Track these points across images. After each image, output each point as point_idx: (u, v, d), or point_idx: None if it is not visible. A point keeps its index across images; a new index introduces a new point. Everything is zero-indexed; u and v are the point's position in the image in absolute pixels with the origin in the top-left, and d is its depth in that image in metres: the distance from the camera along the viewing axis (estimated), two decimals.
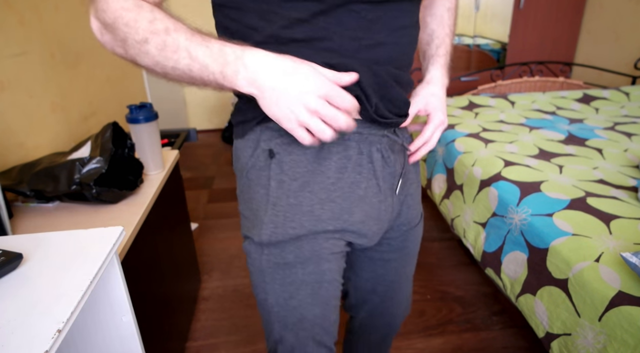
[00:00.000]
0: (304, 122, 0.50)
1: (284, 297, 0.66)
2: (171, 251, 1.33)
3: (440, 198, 1.75)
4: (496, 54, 3.08)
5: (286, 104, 0.49)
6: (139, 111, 1.19)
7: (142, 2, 0.52)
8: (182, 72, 0.51)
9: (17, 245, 0.65)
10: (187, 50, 0.50)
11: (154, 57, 0.51)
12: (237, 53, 0.50)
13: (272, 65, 0.49)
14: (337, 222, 0.63)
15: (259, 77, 0.49)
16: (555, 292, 1.05)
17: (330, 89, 0.50)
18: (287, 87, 0.49)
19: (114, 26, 0.52)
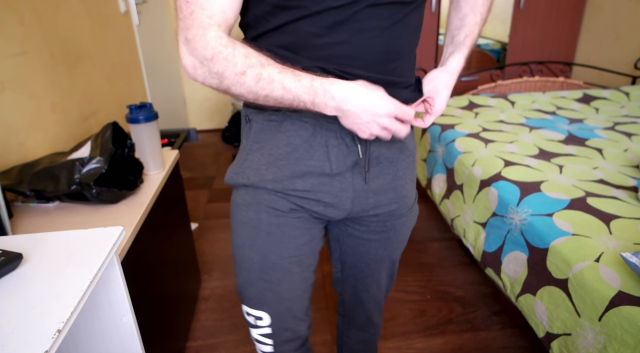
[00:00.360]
0: (376, 135, 0.64)
1: (240, 241, 0.79)
2: (171, 251, 1.33)
3: (440, 198, 1.75)
4: (496, 54, 3.08)
5: (363, 122, 0.62)
6: (139, 111, 1.19)
7: (234, 40, 0.62)
8: (274, 99, 0.62)
9: (17, 245, 0.65)
10: (281, 82, 0.60)
11: (250, 87, 0.61)
12: (325, 87, 0.61)
13: (353, 94, 0.61)
14: (277, 184, 0.74)
15: (343, 105, 0.61)
16: (555, 292, 1.05)
17: (397, 109, 0.63)
18: (364, 111, 0.61)
19: (213, 60, 0.61)
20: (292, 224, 0.77)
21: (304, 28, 0.64)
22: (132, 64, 2.16)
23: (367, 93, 0.62)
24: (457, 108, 2.15)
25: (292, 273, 0.80)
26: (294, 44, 0.66)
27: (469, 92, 2.52)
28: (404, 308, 1.60)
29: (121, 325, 0.71)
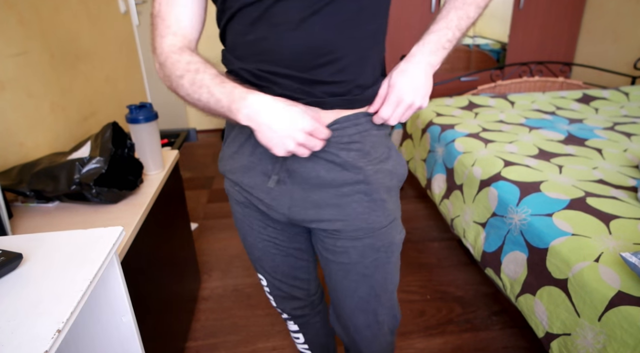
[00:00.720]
0: (291, 151, 0.63)
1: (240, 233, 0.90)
2: (171, 251, 1.33)
3: (440, 198, 1.75)
4: (496, 54, 3.08)
5: (278, 137, 0.61)
6: (139, 111, 1.19)
7: (185, 48, 0.68)
8: (204, 104, 0.64)
9: (17, 245, 0.65)
10: (209, 87, 0.63)
11: (187, 90, 0.65)
12: (243, 94, 0.61)
13: (268, 106, 0.61)
14: (233, 175, 0.79)
15: (255, 117, 0.61)
16: (555, 292, 1.05)
17: (313, 127, 0.62)
18: (280, 126, 0.61)
19: (165, 65, 0.67)
20: (254, 216, 0.83)
21: (234, 27, 0.67)
22: (132, 64, 2.16)
23: (282, 108, 0.61)
24: (457, 108, 2.15)
25: (271, 253, 0.88)
26: (231, 45, 0.70)
27: (469, 92, 2.52)
28: (404, 308, 1.60)
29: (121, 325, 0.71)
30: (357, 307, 0.84)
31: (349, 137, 0.70)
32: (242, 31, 0.66)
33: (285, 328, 1.52)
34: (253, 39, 0.66)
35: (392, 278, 0.83)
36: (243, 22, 0.66)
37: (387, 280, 0.82)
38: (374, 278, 0.80)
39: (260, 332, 1.51)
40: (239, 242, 2.06)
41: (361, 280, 0.80)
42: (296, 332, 1.07)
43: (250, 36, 0.66)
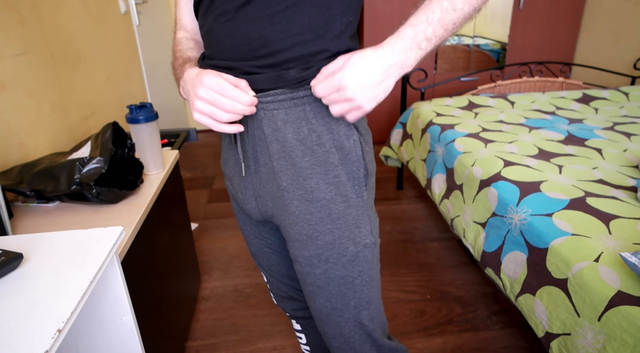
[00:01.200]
0: (194, 107, 0.63)
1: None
2: (171, 251, 1.34)
3: (440, 198, 1.75)
4: (496, 54, 3.08)
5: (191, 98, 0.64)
6: (139, 111, 1.19)
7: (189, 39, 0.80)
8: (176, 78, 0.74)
9: (17, 245, 0.65)
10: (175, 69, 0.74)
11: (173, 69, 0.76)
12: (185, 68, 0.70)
13: (191, 73, 0.66)
14: (225, 170, 0.80)
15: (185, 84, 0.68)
16: (554, 292, 1.05)
17: (219, 87, 0.61)
18: (192, 85, 0.64)
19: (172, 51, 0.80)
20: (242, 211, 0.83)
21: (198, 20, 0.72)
22: (132, 64, 2.16)
23: (197, 72, 0.65)
24: (457, 108, 2.15)
25: (266, 252, 0.88)
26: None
27: (469, 92, 2.52)
28: (403, 308, 1.60)
29: (121, 325, 0.71)
30: (318, 317, 0.78)
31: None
32: (201, 24, 0.71)
33: (286, 328, 1.52)
34: (205, 31, 0.69)
35: (353, 294, 0.72)
36: (200, 14, 0.70)
37: (345, 296, 0.72)
38: (328, 291, 0.72)
39: (260, 332, 1.51)
40: (239, 242, 2.06)
41: (315, 291, 0.74)
42: (299, 331, 1.07)
43: (204, 28, 0.70)
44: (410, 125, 2.20)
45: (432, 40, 0.57)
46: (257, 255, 0.90)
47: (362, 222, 0.70)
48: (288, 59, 0.62)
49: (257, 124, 0.67)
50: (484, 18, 2.99)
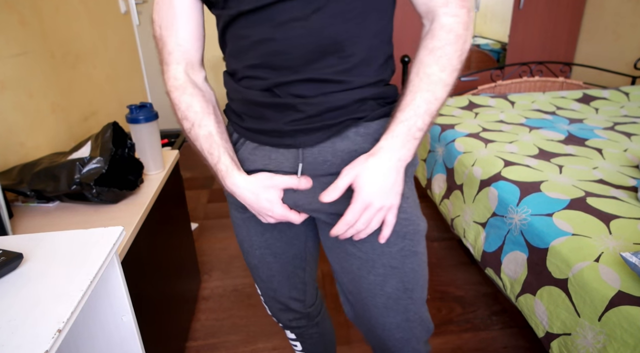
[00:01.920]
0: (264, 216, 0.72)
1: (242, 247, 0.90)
2: (171, 251, 1.33)
3: (440, 198, 1.75)
4: (496, 54, 3.08)
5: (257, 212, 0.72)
6: (139, 111, 1.19)
7: (188, 84, 0.73)
8: (197, 151, 0.73)
9: (17, 245, 0.65)
10: (201, 145, 0.71)
11: (185, 131, 0.73)
12: (223, 174, 0.70)
13: (242, 192, 0.69)
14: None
15: (236, 195, 0.71)
16: (555, 292, 1.05)
17: (266, 212, 0.69)
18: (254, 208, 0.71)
19: (169, 95, 0.74)
20: (254, 220, 0.82)
21: (235, 32, 0.66)
22: (132, 64, 2.16)
23: (252, 198, 0.69)
24: (457, 108, 2.15)
25: (267, 262, 0.86)
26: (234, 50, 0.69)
27: (469, 92, 2.52)
28: None
29: (121, 325, 0.71)
30: (385, 305, 0.75)
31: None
32: (244, 35, 0.65)
33: None
34: (252, 41, 0.64)
35: (422, 272, 0.75)
36: (231, 26, 0.66)
37: (417, 273, 0.74)
38: (402, 270, 0.73)
39: (260, 332, 1.51)
40: None
41: (389, 273, 0.73)
42: (294, 340, 1.05)
43: (249, 39, 0.65)
44: None
45: (423, 129, 0.63)
46: (258, 267, 0.88)
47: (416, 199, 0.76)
48: (355, 64, 0.64)
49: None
50: (484, 18, 2.99)
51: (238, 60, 0.69)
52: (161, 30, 0.71)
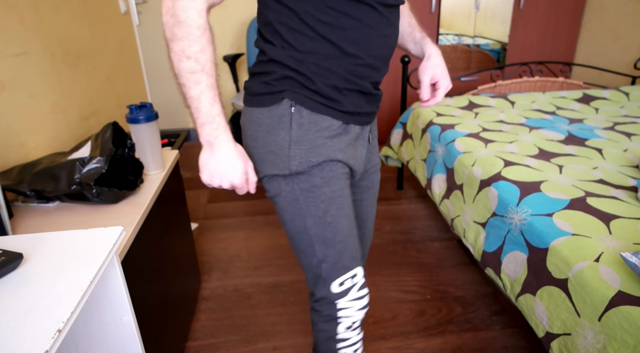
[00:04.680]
0: (212, 185, 0.80)
1: (319, 215, 0.83)
2: (171, 251, 1.33)
3: (440, 198, 1.75)
4: (496, 54, 3.08)
5: (212, 172, 0.79)
6: (139, 111, 1.19)
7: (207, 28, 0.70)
8: (184, 94, 0.73)
9: (17, 245, 0.65)
10: (202, 92, 0.71)
11: (181, 68, 0.70)
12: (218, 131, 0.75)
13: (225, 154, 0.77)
14: (339, 154, 0.84)
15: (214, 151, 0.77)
16: (555, 292, 1.05)
17: (237, 184, 0.79)
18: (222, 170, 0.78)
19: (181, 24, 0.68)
20: (347, 185, 0.89)
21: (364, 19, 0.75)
22: (132, 64, 2.16)
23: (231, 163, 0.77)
24: (457, 108, 2.15)
25: (353, 215, 0.92)
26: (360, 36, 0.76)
27: (469, 92, 2.52)
28: (404, 308, 1.60)
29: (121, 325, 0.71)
30: (372, 218, 1.08)
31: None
32: (372, 24, 0.76)
33: (286, 328, 1.52)
34: (385, 34, 0.79)
35: None
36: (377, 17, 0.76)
37: None
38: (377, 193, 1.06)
39: (260, 332, 1.51)
40: (239, 242, 2.06)
41: (376, 198, 1.06)
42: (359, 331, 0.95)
43: (385, 31, 0.79)
44: (410, 125, 2.20)
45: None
46: (352, 227, 0.89)
47: None
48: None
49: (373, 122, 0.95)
50: (484, 18, 2.99)
51: (360, 47, 0.77)
52: None
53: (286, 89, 0.79)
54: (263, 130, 0.82)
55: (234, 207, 2.40)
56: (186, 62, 0.69)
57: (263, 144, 0.83)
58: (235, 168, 0.77)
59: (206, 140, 0.75)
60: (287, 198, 0.84)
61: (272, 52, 0.78)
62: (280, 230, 2.15)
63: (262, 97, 0.80)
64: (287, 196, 0.84)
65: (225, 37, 3.36)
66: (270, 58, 0.78)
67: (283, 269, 1.85)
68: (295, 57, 0.76)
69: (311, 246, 0.86)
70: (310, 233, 0.85)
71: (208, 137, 0.75)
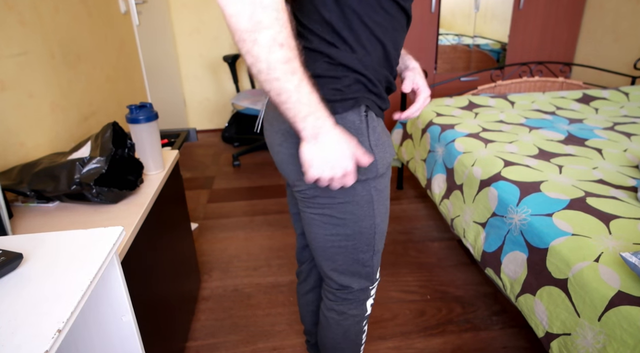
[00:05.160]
0: (323, 179, 0.71)
1: (384, 212, 0.88)
2: (171, 251, 1.34)
3: (440, 198, 1.75)
4: (496, 54, 3.08)
5: (323, 164, 0.69)
6: (139, 111, 1.19)
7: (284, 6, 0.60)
8: (277, 87, 0.62)
9: (17, 245, 0.65)
10: (301, 80, 0.62)
11: (273, 60, 0.59)
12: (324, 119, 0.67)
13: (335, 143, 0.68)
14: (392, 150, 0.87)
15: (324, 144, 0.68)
16: (554, 292, 1.05)
17: (350, 168, 0.71)
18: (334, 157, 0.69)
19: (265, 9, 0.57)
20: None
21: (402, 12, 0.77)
22: (132, 64, 2.16)
23: (342, 150, 0.69)
24: (457, 108, 2.15)
25: None
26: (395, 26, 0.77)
27: (469, 92, 2.52)
28: (403, 308, 1.60)
29: (121, 325, 0.71)
30: None
31: None
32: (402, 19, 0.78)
33: (286, 328, 1.52)
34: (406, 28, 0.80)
35: None
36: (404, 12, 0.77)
37: None
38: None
39: (260, 332, 1.51)
40: (239, 242, 2.06)
41: None
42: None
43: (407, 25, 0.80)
44: (410, 125, 2.20)
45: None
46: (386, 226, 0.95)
47: None
48: None
49: None
50: (484, 18, 2.99)
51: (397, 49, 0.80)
52: None
53: (358, 96, 0.77)
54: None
55: (233, 207, 2.40)
56: (279, 51, 0.59)
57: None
58: (347, 151, 0.70)
59: (311, 133, 0.67)
60: (360, 201, 0.83)
61: (339, 56, 0.74)
62: (281, 230, 2.15)
63: (334, 104, 0.76)
64: (361, 200, 0.83)
65: (226, 37, 3.36)
66: (340, 62, 0.74)
67: (283, 269, 1.85)
68: (362, 61, 0.75)
69: (371, 242, 0.90)
70: (376, 230, 0.88)
71: (313, 129, 0.66)
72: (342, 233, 0.87)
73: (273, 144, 0.85)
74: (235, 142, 3.37)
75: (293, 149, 0.80)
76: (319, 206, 0.84)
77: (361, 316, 1.01)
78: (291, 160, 0.82)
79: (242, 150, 3.05)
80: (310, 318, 1.23)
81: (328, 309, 1.01)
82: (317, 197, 0.83)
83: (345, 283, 0.95)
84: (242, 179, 2.75)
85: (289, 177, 0.85)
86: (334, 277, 0.95)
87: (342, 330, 1.01)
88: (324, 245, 0.90)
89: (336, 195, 0.82)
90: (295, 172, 0.82)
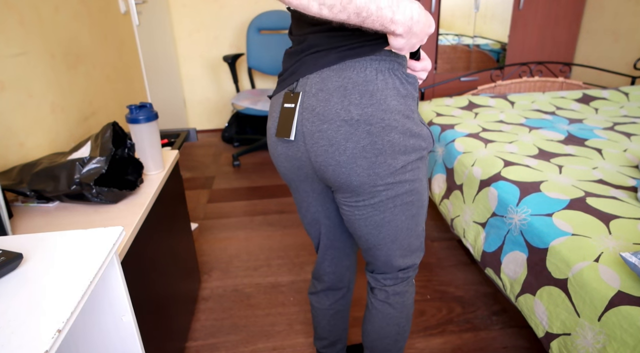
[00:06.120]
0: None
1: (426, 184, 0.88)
2: (171, 251, 1.34)
3: (440, 198, 1.75)
4: (496, 54, 3.08)
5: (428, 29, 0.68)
6: (139, 111, 1.19)
7: None
8: (355, 7, 0.60)
9: (17, 245, 0.65)
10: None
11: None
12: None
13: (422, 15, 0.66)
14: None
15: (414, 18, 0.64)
16: (554, 292, 1.05)
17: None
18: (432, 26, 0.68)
19: None
20: None
21: None
22: (132, 64, 2.16)
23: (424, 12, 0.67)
24: (457, 108, 2.15)
25: None
26: None
27: (469, 92, 2.52)
28: None
29: (121, 325, 0.71)
30: None
31: None
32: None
33: (286, 329, 1.52)
34: None
35: None
36: None
37: None
38: None
39: (260, 332, 1.51)
40: (239, 242, 2.06)
41: None
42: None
43: None
44: None
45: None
46: None
47: None
48: None
49: None
50: (484, 18, 2.99)
51: None
52: None
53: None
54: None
55: (233, 207, 2.40)
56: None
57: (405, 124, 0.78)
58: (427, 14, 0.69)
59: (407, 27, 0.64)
60: (421, 176, 0.84)
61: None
62: (281, 230, 2.15)
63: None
64: (422, 174, 0.84)
65: (225, 37, 3.36)
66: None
67: (283, 269, 1.85)
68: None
69: (423, 215, 0.91)
70: (425, 204, 0.89)
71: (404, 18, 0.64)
72: (415, 214, 0.87)
73: (335, 142, 0.75)
74: (235, 142, 3.37)
75: (366, 139, 0.74)
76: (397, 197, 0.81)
77: (414, 287, 1.03)
78: (364, 154, 0.74)
79: (242, 150, 3.05)
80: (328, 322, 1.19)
81: (392, 295, 0.98)
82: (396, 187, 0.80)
83: (410, 263, 0.95)
84: (242, 179, 2.75)
85: (359, 176, 0.77)
86: (400, 263, 0.93)
87: (407, 311, 1.01)
88: (396, 235, 0.87)
89: (407, 178, 0.80)
90: (373, 166, 0.75)
